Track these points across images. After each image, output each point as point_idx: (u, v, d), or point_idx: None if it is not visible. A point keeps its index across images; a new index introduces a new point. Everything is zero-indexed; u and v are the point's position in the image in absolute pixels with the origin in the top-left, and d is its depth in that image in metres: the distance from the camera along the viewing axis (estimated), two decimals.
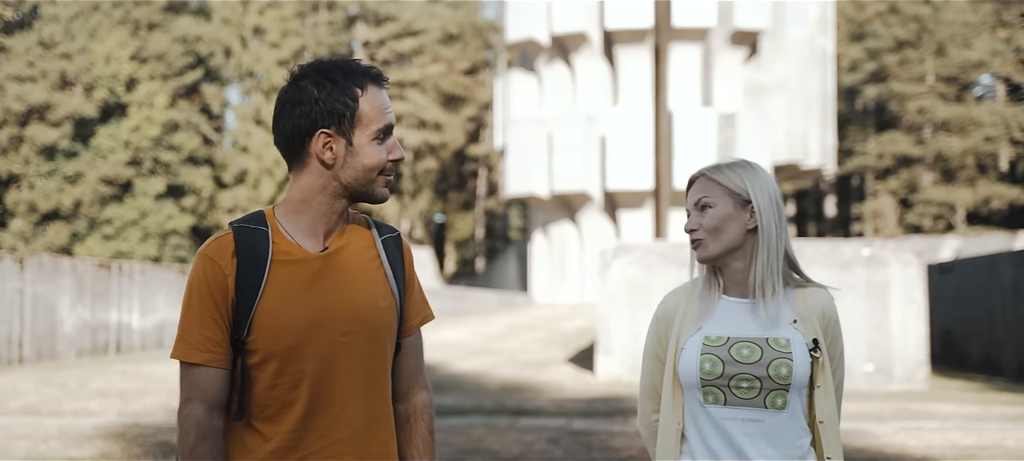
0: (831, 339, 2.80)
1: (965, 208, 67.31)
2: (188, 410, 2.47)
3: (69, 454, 9.43)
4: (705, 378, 2.74)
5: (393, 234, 2.71)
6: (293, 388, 2.50)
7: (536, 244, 54.26)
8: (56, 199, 51.15)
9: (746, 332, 2.75)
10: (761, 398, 2.71)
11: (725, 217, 2.77)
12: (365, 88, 2.53)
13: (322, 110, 2.50)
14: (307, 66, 2.56)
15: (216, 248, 2.51)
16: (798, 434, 2.74)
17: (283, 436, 2.50)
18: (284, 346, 2.48)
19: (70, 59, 53.11)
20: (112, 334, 22.85)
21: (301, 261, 2.52)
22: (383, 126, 2.54)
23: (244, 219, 2.57)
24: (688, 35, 48.76)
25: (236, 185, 60.51)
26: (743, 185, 2.78)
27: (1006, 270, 18.33)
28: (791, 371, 2.69)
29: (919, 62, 69.03)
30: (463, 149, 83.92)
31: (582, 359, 20.13)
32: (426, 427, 2.71)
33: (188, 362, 2.48)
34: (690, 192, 2.86)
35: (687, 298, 2.88)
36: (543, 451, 9.57)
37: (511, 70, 58.02)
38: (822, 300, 2.81)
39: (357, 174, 2.53)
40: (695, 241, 2.80)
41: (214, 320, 2.48)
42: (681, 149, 46.30)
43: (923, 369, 15.83)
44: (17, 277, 19.72)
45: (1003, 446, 9.84)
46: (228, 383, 2.51)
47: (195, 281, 2.51)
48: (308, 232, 2.55)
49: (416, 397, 2.71)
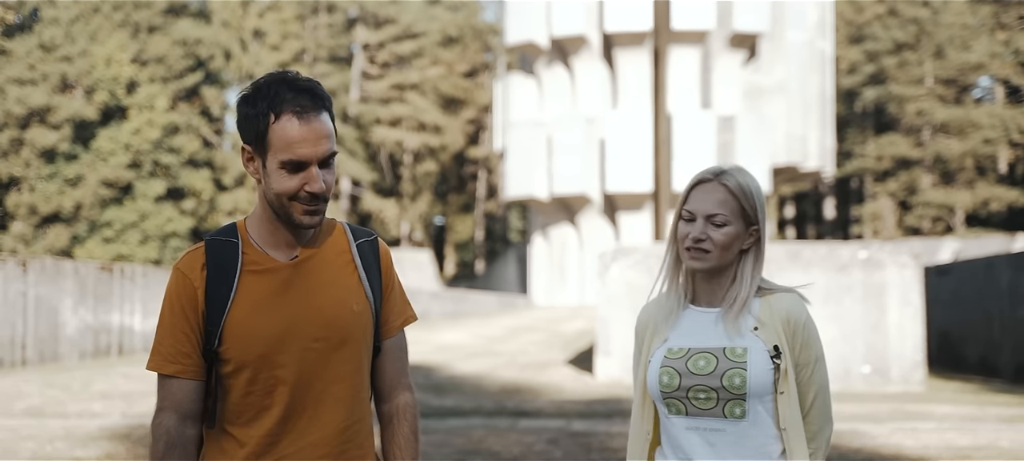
0: (801, 344, 2.76)
1: (964, 210, 67.44)
2: (160, 419, 2.54)
3: (75, 455, 9.54)
4: (665, 390, 2.75)
5: (369, 238, 2.72)
6: (267, 394, 2.54)
7: (536, 246, 54.38)
8: (57, 202, 51.27)
9: (706, 343, 2.75)
10: (719, 408, 2.71)
11: (735, 237, 2.76)
12: (281, 115, 2.47)
13: (242, 126, 2.53)
14: (260, 79, 2.55)
15: (187, 262, 2.57)
16: (766, 441, 2.73)
17: (258, 440, 2.54)
18: (256, 354, 2.52)
19: (70, 62, 53.25)
20: (114, 336, 22.97)
21: (270, 270, 2.56)
22: (288, 159, 2.48)
23: (217, 232, 2.62)
24: (687, 38, 48.89)
25: (236, 187, 60.66)
26: (756, 209, 2.78)
27: (1003, 272, 18.45)
28: (744, 381, 2.68)
29: (918, 64, 69.17)
30: (463, 151, 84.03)
31: (582, 361, 20.23)
32: (409, 427, 2.73)
33: (161, 373, 2.55)
34: (698, 196, 2.79)
35: (657, 309, 2.89)
36: (543, 452, 9.68)
37: (511, 73, 58.18)
38: (787, 305, 2.78)
39: (272, 197, 2.52)
40: (701, 252, 2.75)
41: (184, 333, 2.53)
42: (680, 151, 46.44)
43: (920, 371, 15.94)
44: (20, 280, 19.84)
45: (998, 446, 9.95)
46: (201, 393, 2.56)
47: (168, 294, 2.57)
48: (277, 242, 2.58)
49: (399, 398, 2.73)
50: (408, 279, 55.93)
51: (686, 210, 2.80)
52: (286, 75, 2.53)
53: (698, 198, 2.78)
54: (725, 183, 2.77)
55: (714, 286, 2.81)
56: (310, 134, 2.48)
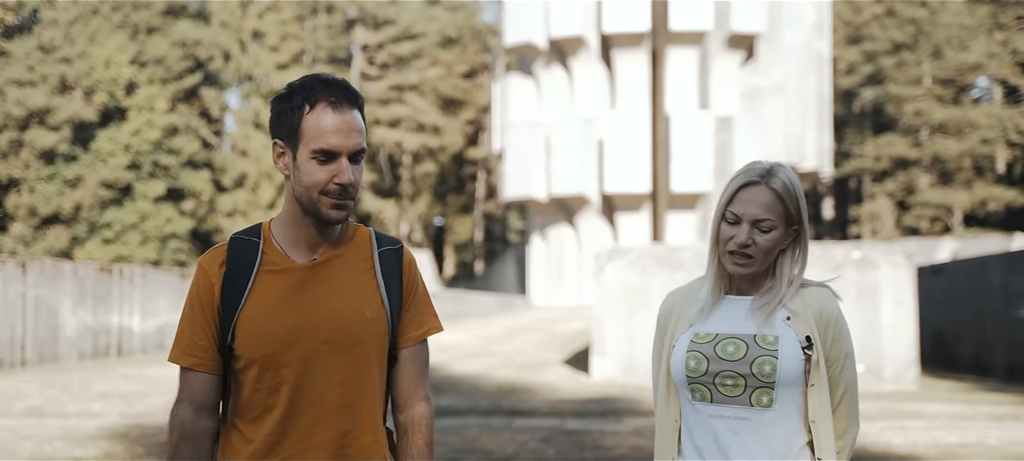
0: (832, 339, 2.73)
1: (962, 210, 67.50)
2: (177, 411, 2.61)
3: (74, 454, 9.65)
4: (690, 375, 2.72)
5: (394, 246, 2.73)
6: (273, 393, 2.58)
7: (534, 247, 54.48)
8: (56, 203, 51.37)
9: (735, 329, 2.73)
10: (746, 396, 2.67)
11: (779, 240, 2.73)
12: (314, 106, 2.54)
13: (275, 122, 2.58)
14: (296, 80, 2.62)
15: (209, 258, 2.64)
16: (790, 434, 2.70)
17: (263, 438, 2.58)
18: (264, 352, 2.56)
19: (70, 63, 53.35)
20: (113, 337, 23.08)
21: (285, 271, 2.59)
22: (320, 148, 2.53)
23: (243, 231, 2.67)
24: (685, 39, 48.99)
25: (235, 188, 60.73)
26: (800, 211, 2.75)
27: (996, 272, 18.57)
28: (775, 368, 2.65)
29: (916, 65, 69.26)
30: (462, 152, 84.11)
31: (578, 361, 20.35)
32: (423, 439, 2.72)
33: (180, 365, 2.62)
34: (745, 199, 2.74)
35: (684, 297, 2.86)
36: (536, 450, 9.80)
37: (509, 74, 58.27)
38: (821, 299, 2.75)
39: (301, 191, 2.56)
40: (745, 258, 2.72)
41: (202, 327, 2.60)
42: (678, 152, 46.57)
43: (913, 370, 16.06)
44: (20, 281, 19.95)
45: (986, 444, 10.07)
46: (217, 387, 2.62)
47: (191, 289, 2.64)
48: (299, 243, 2.62)
49: (414, 408, 2.73)
50: None
51: (731, 212, 2.74)
52: (321, 75, 2.60)
53: (745, 201, 2.73)
54: (773, 186, 2.72)
55: (756, 277, 2.78)
56: (343, 125, 2.54)
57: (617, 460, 9.26)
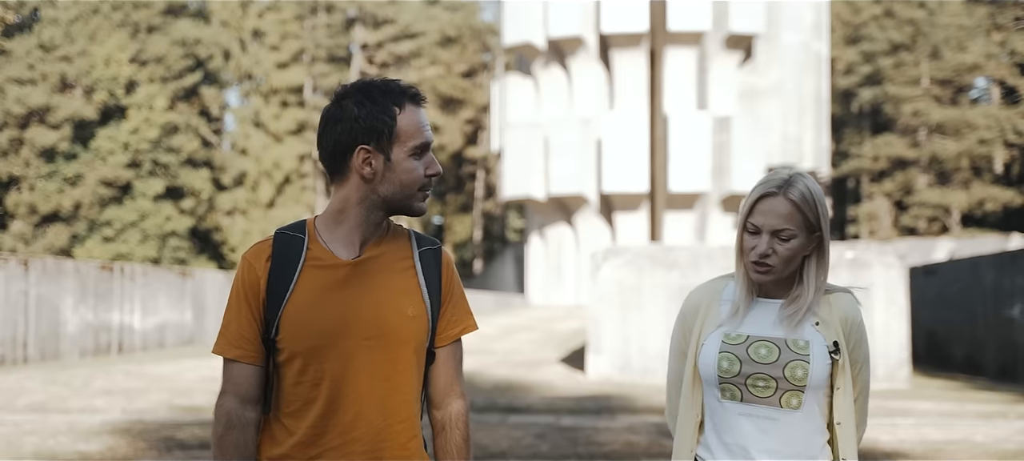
0: (854, 343, 2.82)
1: (960, 210, 67.67)
2: (222, 402, 2.67)
3: (78, 448, 9.85)
4: (723, 375, 2.79)
5: (433, 247, 2.81)
6: (315, 386, 2.63)
7: (533, 246, 54.65)
8: (56, 201, 51.56)
9: (766, 332, 2.80)
10: (776, 398, 2.76)
11: (800, 249, 2.79)
12: (403, 107, 2.66)
13: (362, 128, 2.62)
14: (349, 86, 2.70)
15: (255, 252, 2.70)
16: (813, 434, 2.79)
17: (305, 431, 2.64)
18: (307, 346, 2.62)
19: (70, 62, 53.54)
20: (114, 335, 23.27)
21: (331, 267, 2.66)
22: (420, 143, 2.67)
23: (287, 227, 2.73)
24: (683, 39, 49.16)
25: (235, 187, 60.94)
26: (818, 216, 2.80)
27: (987, 273, 18.77)
28: (807, 373, 2.73)
29: (914, 65, 69.45)
30: (461, 151, 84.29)
31: (574, 359, 20.55)
32: (461, 435, 2.81)
33: (225, 357, 2.68)
34: (764, 210, 2.81)
35: (711, 295, 2.93)
36: (530, 446, 9.99)
37: (508, 74, 58.43)
38: (846, 305, 2.83)
39: (395, 189, 2.65)
40: (765, 268, 2.79)
41: (247, 319, 2.66)
42: (676, 152, 46.73)
43: (905, 368, 16.26)
44: (22, 279, 20.14)
45: (971, 441, 10.27)
46: (261, 378, 2.68)
47: (236, 282, 2.69)
48: (344, 240, 2.68)
49: (451, 405, 2.81)
50: None
51: (751, 223, 2.81)
52: (375, 79, 2.71)
53: (764, 211, 2.79)
54: (791, 198, 2.77)
55: (782, 283, 2.85)
56: (426, 121, 2.72)
57: (609, 456, 9.45)
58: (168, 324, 25.55)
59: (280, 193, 62.22)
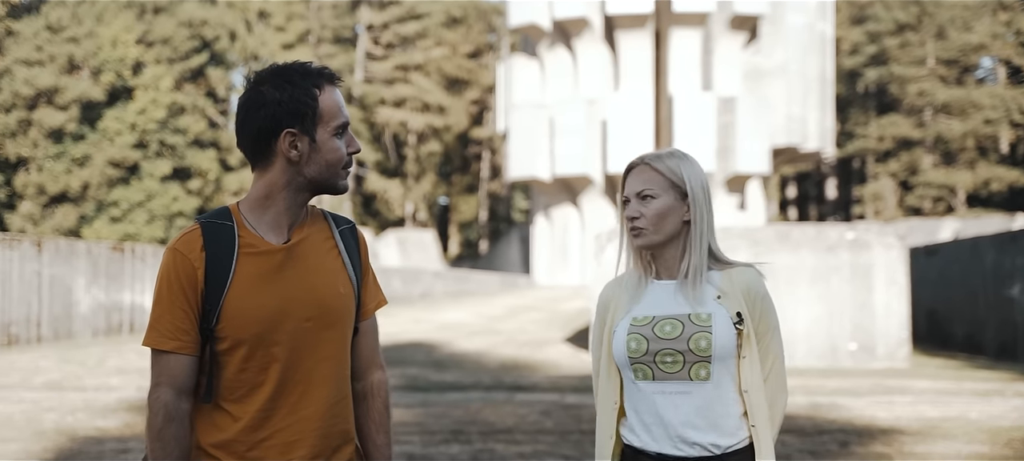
0: (760, 314, 2.92)
1: (965, 190, 67.87)
2: (157, 394, 2.62)
3: (96, 425, 10.12)
4: (632, 356, 2.88)
5: (349, 225, 2.88)
6: (262, 371, 2.65)
7: (538, 226, 54.92)
8: (64, 181, 51.85)
9: (670, 310, 2.90)
10: (685, 371, 2.84)
11: (667, 209, 2.91)
12: (322, 88, 2.67)
13: (285, 111, 2.63)
14: (265, 71, 2.70)
15: (185, 243, 2.66)
16: (728, 404, 2.87)
17: (252, 415, 2.64)
18: (252, 333, 2.63)
19: (77, 43, 53.75)
20: (125, 314, 23.57)
21: (266, 253, 2.67)
22: (341, 122, 2.70)
23: (210, 215, 2.72)
24: (688, 20, 49.32)
25: (242, 168, 61.20)
26: (683, 178, 2.92)
27: (987, 252, 18.99)
28: (710, 343, 2.82)
29: (920, 45, 69.55)
30: (466, 132, 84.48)
31: (579, 339, 20.80)
32: (382, 403, 2.89)
33: (159, 349, 2.63)
34: (630, 180, 2.96)
35: (619, 286, 3.04)
36: (535, 422, 10.26)
37: (513, 55, 58.63)
38: (747, 277, 2.93)
39: (321, 168, 2.68)
40: (636, 229, 2.92)
41: (183, 310, 2.62)
42: (681, 133, 46.94)
43: (905, 348, 16.49)
44: (35, 259, 20.43)
45: (966, 418, 10.51)
46: (196, 369, 2.65)
47: (165, 273, 2.65)
48: (272, 225, 2.70)
49: (373, 376, 2.88)
50: (412, 259, 56.49)
51: (623, 195, 2.99)
52: (287, 63, 2.72)
53: (629, 181, 2.97)
54: (650, 163, 2.94)
55: (669, 260, 2.96)
56: (342, 100, 2.74)
57: None
58: None
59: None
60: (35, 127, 51.76)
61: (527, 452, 8.65)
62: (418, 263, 55.42)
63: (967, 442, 9.13)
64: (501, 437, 9.43)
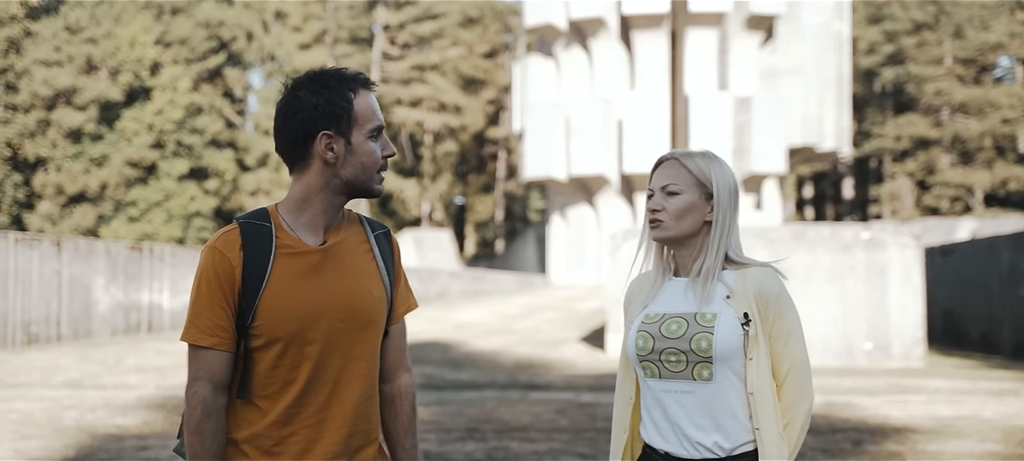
0: (775, 315, 2.87)
1: (982, 190, 67.65)
2: (195, 389, 2.68)
3: (116, 422, 10.24)
4: (640, 353, 2.90)
5: (384, 230, 2.92)
6: (294, 368, 2.70)
7: (554, 226, 54.96)
8: (82, 181, 52.13)
9: (678, 308, 2.89)
10: (689, 371, 2.83)
11: (690, 206, 2.89)
12: (357, 92, 2.75)
13: (322, 114, 2.70)
14: (302, 77, 2.77)
15: (224, 242, 2.71)
16: (734, 404, 2.85)
17: (280, 411, 2.70)
18: (287, 331, 2.68)
19: (95, 44, 54.05)
20: (144, 314, 23.72)
21: (302, 253, 2.72)
22: (376, 125, 2.76)
23: (249, 215, 2.78)
24: (704, 20, 49.30)
25: (259, 168, 61.43)
26: (710, 178, 2.91)
27: (1003, 252, 18.98)
28: (711, 344, 2.80)
29: (937, 44, 69.35)
30: (483, 132, 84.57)
31: (595, 338, 20.87)
32: (410, 406, 2.93)
33: (197, 345, 2.69)
34: (657, 173, 2.96)
35: (641, 282, 3.04)
36: (550, 421, 10.33)
37: (529, 55, 58.67)
38: (760, 278, 2.89)
39: (357, 171, 2.73)
40: (655, 221, 2.91)
41: (221, 307, 2.68)
42: (697, 133, 46.90)
43: (920, 347, 16.51)
44: (55, 259, 20.60)
45: (980, 417, 10.54)
46: (232, 364, 2.71)
47: (204, 271, 2.71)
48: (309, 227, 2.75)
49: (401, 378, 2.93)
50: (428, 258, 56.60)
51: (649, 188, 2.97)
52: (325, 68, 2.80)
53: (657, 176, 2.96)
54: (679, 159, 2.93)
55: (686, 257, 2.95)
56: (377, 104, 2.81)
57: None
58: None
59: None
60: (54, 127, 52.06)
61: (542, 450, 8.72)
62: (434, 263, 55.53)
63: (980, 441, 9.17)
64: (516, 435, 9.51)
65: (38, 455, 8.56)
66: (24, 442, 9.13)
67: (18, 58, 51.53)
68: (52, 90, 51.67)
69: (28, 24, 52.88)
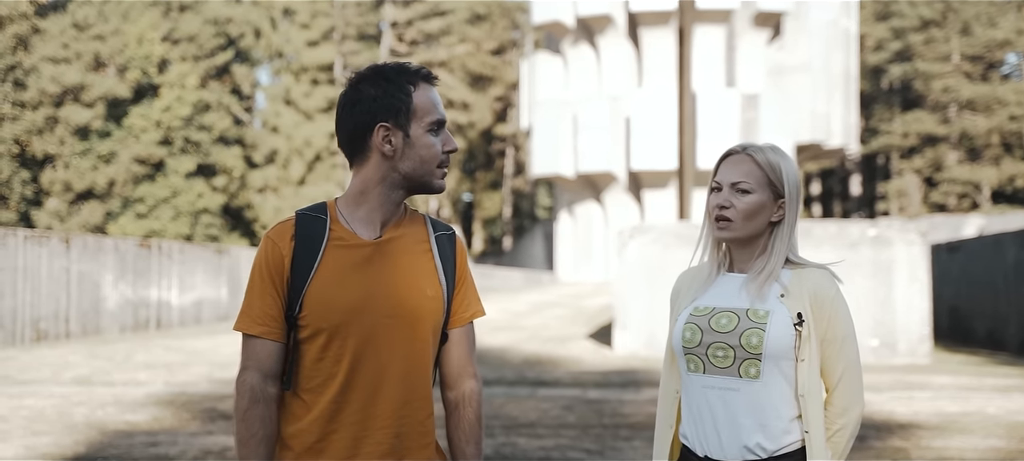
0: (829, 319, 2.83)
1: (990, 187, 67.55)
2: (244, 377, 2.69)
3: (125, 418, 10.32)
4: (686, 346, 2.86)
5: (448, 232, 2.88)
6: (337, 362, 2.68)
7: (562, 223, 54.99)
8: (90, 178, 52.24)
9: (730, 303, 2.86)
10: (735, 367, 2.78)
11: (760, 206, 2.86)
12: (417, 85, 2.73)
13: (381, 106, 2.70)
14: (364, 70, 2.77)
15: (278, 231, 2.74)
16: (779, 405, 2.79)
17: (324, 406, 2.68)
18: (331, 323, 2.67)
19: (103, 40, 54.15)
20: (152, 311, 23.82)
21: (354, 246, 2.72)
22: (436, 119, 2.74)
23: (308, 208, 2.78)
24: (712, 17, 49.27)
25: (266, 165, 61.50)
26: (781, 178, 2.87)
27: (1009, 249, 19.01)
28: (761, 341, 2.75)
29: (944, 41, 69.24)
30: (490, 129, 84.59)
31: (602, 335, 20.92)
32: (474, 413, 2.85)
33: (248, 333, 2.71)
34: (726, 167, 2.91)
35: (692, 276, 3.02)
36: (557, 417, 10.40)
37: (537, 52, 58.71)
38: (817, 279, 2.86)
39: (415, 164, 2.72)
40: (723, 219, 2.87)
41: (272, 297, 2.70)
42: (705, 129, 46.90)
43: (926, 344, 16.56)
44: (64, 256, 20.70)
45: (984, 413, 10.59)
46: (282, 355, 2.72)
47: (258, 261, 2.74)
48: (365, 221, 2.75)
49: (464, 385, 2.86)
50: None
51: (714, 181, 2.93)
52: (387, 62, 2.80)
53: (725, 169, 2.90)
54: (751, 154, 2.89)
55: (746, 254, 2.91)
56: (438, 98, 2.80)
57: (633, 426, 9.84)
58: (205, 300, 26.09)
59: (311, 171, 62.76)
60: (61, 124, 52.16)
61: (549, 446, 8.78)
62: None
63: (984, 437, 9.21)
64: (524, 431, 9.57)
65: (49, 451, 8.64)
66: (35, 438, 9.22)
67: (26, 55, 51.63)
68: (60, 87, 51.77)
69: (36, 21, 53.00)
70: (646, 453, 8.44)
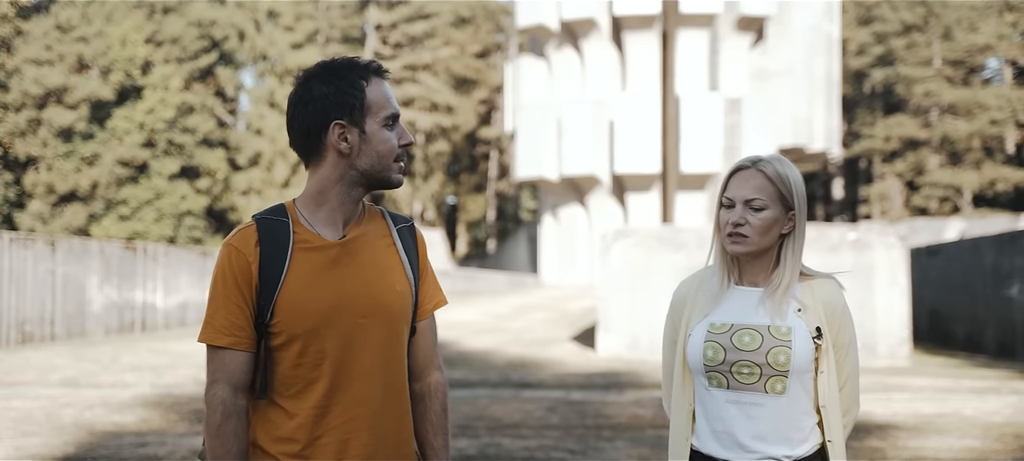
0: (838, 327, 2.89)
1: (971, 190, 67.96)
2: (214, 391, 2.61)
3: (113, 420, 10.40)
4: (708, 364, 2.86)
5: (408, 224, 2.85)
6: (315, 367, 2.63)
7: (545, 226, 55.15)
8: (73, 180, 52.13)
9: (750, 320, 2.86)
10: (761, 384, 2.82)
11: (774, 221, 2.87)
12: (369, 80, 2.67)
13: (333, 103, 2.63)
14: (313, 67, 2.70)
15: (241, 238, 2.65)
16: (800, 417, 2.85)
17: (307, 412, 2.63)
18: (306, 328, 2.61)
19: (87, 43, 54.04)
20: (138, 313, 23.87)
21: (321, 248, 2.66)
22: (391, 113, 2.68)
23: (266, 211, 2.71)
24: (695, 21, 49.54)
25: (250, 167, 61.48)
26: (792, 191, 2.88)
27: (987, 253, 19.23)
28: (789, 358, 2.79)
29: (926, 46, 69.67)
30: (475, 132, 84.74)
31: (586, 338, 21.06)
32: (440, 404, 2.85)
33: (214, 345, 2.62)
34: (737, 183, 2.91)
35: (697, 285, 3.00)
36: (541, 418, 10.53)
37: (521, 55, 58.91)
38: (828, 290, 2.91)
39: (373, 161, 2.67)
40: (739, 236, 2.87)
41: (238, 306, 2.62)
42: (688, 133, 47.16)
43: (905, 346, 16.74)
44: (49, 258, 20.74)
45: (961, 414, 10.76)
46: (252, 365, 2.64)
47: (220, 269, 2.65)
48: (327, 221, 2.69)
49: (431, 377, 2.85)
50: None
51: (726, 197, 2.91)
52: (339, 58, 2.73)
53: (737, 185, 2.90)
54: (762, 169, 2.88)
55: (757, 267, 2.92)
56: (391, 93, 2.73)
57: (615, 427, 9.98)
58: (190, 303, 26.14)
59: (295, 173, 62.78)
60: (44, 126, 52.04)
61: (533, 446, 8.91)
62: None
63: (960, 437, 9.38)
64: (508, 432, 9.70)
65: (39, 452, 8.73)
66: (24, 439, 9.30)
67: (9, 57, 51.53)
68: (43, 89, 51.64)
69: (19, 23, 52.89)
70: (628, 453, 8.58)
